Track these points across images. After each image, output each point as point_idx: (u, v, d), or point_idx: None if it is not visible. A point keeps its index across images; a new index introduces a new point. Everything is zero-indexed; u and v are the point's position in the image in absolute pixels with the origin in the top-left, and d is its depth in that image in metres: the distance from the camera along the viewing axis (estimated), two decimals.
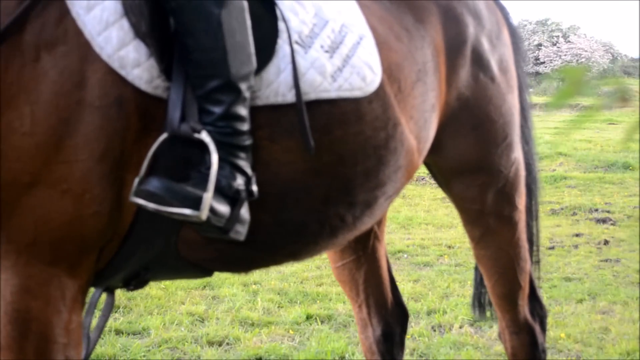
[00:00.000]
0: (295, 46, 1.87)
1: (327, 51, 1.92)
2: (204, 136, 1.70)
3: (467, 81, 2.36)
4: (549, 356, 3.88)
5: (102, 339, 3.98)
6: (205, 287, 5.09)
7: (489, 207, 2.53)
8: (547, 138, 13.39)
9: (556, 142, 12.93)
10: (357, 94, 1.95)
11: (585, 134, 14.74)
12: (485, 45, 2.42)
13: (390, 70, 2.06)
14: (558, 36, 42.59)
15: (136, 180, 1.65)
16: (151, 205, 1.64)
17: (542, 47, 41.96)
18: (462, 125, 2.38)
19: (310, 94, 1.87)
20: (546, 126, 16.08)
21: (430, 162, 2.47)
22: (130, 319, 4.37)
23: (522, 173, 2.61)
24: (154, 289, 4.93)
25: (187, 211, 1.65)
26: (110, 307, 1.98)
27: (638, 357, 3.86)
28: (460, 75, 2.34)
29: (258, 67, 1.81)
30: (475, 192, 2.49)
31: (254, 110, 1.80)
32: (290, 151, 1.84)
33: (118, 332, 4.13)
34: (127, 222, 1.72)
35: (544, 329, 2.77)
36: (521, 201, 2.61)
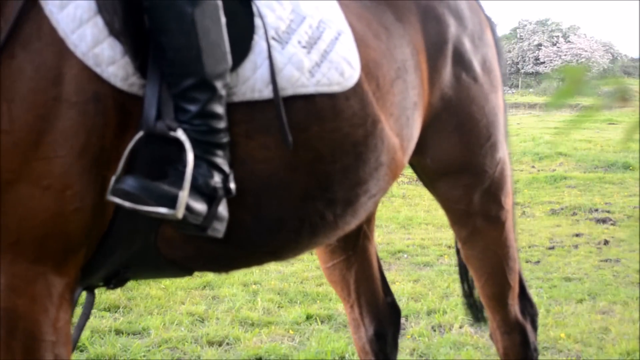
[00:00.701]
0: (272, 42, 1.86)
1: (304, 47, 1.91)
2: (180, 134, 1.70)
3: (450, 81, 2.35)
4: (549, 356, 3.89)
5: (102, 339, 3.98)
6: (205, 287, 5.09)
7: (475, 207, 2.51)
8: (547, 138, 13.40)
9: (556, 142, 12.94)
10: (335, 89, 1.93)
11: (585, 134, 14.74)
12: (467, 45, 2.41)
13: (368, 68, 2.04)
14: (558, 36, 42.63)
15: (113, 179, 1.65)
16: (127, 204, 1.64)
17: (542, 47, 41.99)
18: (445, 125, 2.37)
19: (287, 90, 1.86)
20: (546, 126, 16.09)
21: (415, 163, 2.46)
22: (130, 319, 4.37)
23: (509, 172, 2.60)
24: (154, 289, 4.93)
25: (162, 210, 1.65)
26: (90, 306, 1.97)
27: (638, 357, 3.85)
28: (443, 75, 2.33)
29: (234, 64, 1.80)
30: (460, 192, 2.48)
31: (230, 106, 1.80)
32: (267, 147, 1.83)
33: (118, 332, 4.13)
34: (107, 219, 1.71)
35: (535, 327, 2.76)
36: (508, 201, 2.60)
